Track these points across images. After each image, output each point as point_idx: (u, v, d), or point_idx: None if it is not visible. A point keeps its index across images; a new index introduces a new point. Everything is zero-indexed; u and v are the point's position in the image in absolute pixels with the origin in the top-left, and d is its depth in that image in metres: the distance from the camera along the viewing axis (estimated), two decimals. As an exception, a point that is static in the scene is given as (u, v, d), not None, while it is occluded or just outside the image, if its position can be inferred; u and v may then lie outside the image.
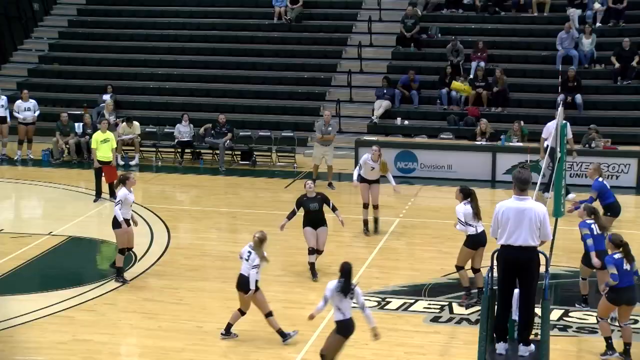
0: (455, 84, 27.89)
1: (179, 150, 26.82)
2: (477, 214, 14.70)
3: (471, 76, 28.40)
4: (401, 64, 29.90)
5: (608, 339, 12.92)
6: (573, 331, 13.75)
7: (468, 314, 14.40)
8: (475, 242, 14.70)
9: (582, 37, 28.71)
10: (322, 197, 16.46)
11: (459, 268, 14.98)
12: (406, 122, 27.51)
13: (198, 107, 29.38)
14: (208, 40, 32.50)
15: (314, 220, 16.26)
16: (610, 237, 13.00)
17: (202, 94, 30.38)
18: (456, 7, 32.01)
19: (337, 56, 31.18)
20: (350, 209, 20.69)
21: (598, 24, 29.92)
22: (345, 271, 11.91)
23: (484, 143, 24.69)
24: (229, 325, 13.66)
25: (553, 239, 16.04)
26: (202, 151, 26.97)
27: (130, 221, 16.23)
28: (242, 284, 13.41)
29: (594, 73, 28.66)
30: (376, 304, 14.97)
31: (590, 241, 13.64)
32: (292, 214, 16.32)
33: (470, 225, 14.64)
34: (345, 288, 11.72)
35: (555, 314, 14.12)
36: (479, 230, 14.68)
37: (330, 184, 23.22)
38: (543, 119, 25.13)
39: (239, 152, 26.91)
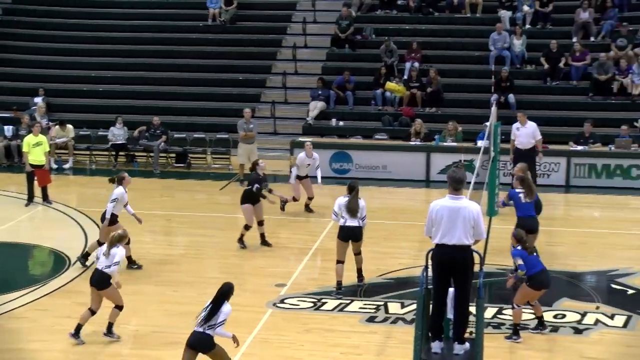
0: (390, 84, 28.03)
1: (113, 153, 26.57)
2: (349, 208, 15.29)
3: (405, 77, 28.58)
4: (336, 65, 29.97)
5: (518, 325, 13.41)
6: (507, 328, 13.86)
7: (403, 314, 14.47)
8: (340, 232, 15.42)
9: (513, 38, 29.08)
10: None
11: (338, 262, 15.50)
12: (341, 123, 27.58)
13: (132, 109, 29.10)
14: (142, 42, 32.23)
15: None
16: (514, 233, 13.57)
17: (136, 96, 30.12)
18: (390, 8, 32.17)
19: (272, 58, 31.15)
20: (286, 210, 20.70)
21: (527, 26, 30.34)
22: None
23: (418, 143, 24.85)
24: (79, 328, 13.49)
25: (487, 238, 16.28)
26: (137, 154, 26.76)
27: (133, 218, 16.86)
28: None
29: (526, 73, 29.05)
30: (312, 304, 14.96)
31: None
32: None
33: (342, 217, 15.37)
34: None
35: (489, 312, 14.25)
36: (346, 223, 15.31)
37: (241, 181, 23.39)
38: (477, 119, 25.45)
39: (174, 155, 26.76)
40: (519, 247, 13.34)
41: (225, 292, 11.52)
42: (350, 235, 15.40)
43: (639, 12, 30.63)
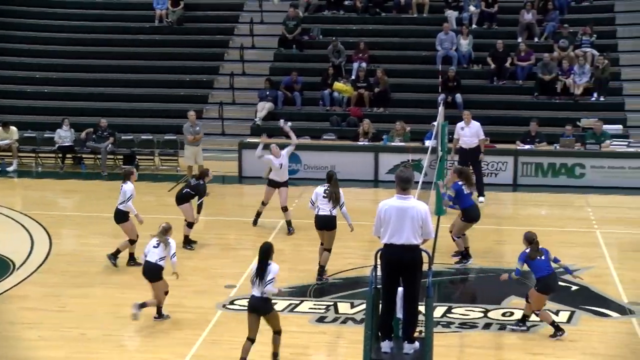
0: (337, 85, 28.09)
1: (60, 155, 26.30)
2: (329, 197, 15.98)
3: (353, 77, 28.67)
4: (283, 66, 29.97)
5: (553, 323, 13.56)
6: (456, 327, 13.99)
7: (353, 314, 14.51)
8: (315, 221, 16.13)
9: (459, 38, 29.31)
10: None
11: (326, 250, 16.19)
12: (289, 123, 27.48)
13: (79, 111, 28.83)
14: (88, 44, 31.94)
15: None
16: (526, 235, 13.78)
17: (82, 98, 29.85)
18: (337, 9, 32.25)
19: (219, 58, 31.06)
20: (235, 211, 20.69)
21: (474, 26, 30.61)
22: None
23: (366, 143, 24.94)
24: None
25: (436, 237, 16.40)
26: (84, 156, 26.52)
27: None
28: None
29: (473, 73, 29.29)
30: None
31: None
32: None
33: (317, 206, 16.03)
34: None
35: (438, 311, 14.35)
36: (319, 212, 15.91)
37: None
38: (424, 119, 25.60)
39: (121, 156, 26.55)
40: (527, 250, 13.53)
41: (265, 251, 12.35)
42: (322, 224, 15.99)
43: (578, 14, 31.10)
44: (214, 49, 31.44)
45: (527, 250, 13.55)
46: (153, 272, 14.11)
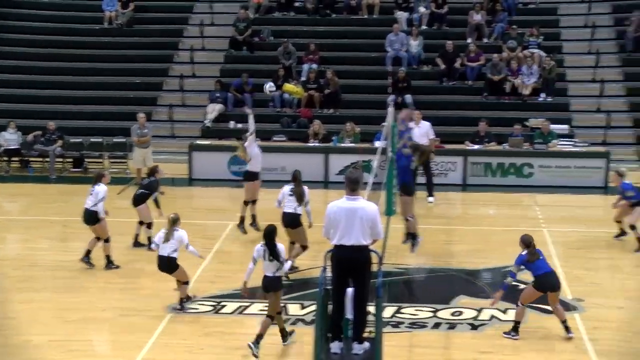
0: (288, 86, 27.87)
1: (6, 158, 26.01)
2: (295, 193, 16.41)
3: (303, 78, 28.68)
4: (234, 67, 29.89)
5: (518, 323, 13.69)
6: (406, 327, 14.05)
7: (303, 315, 14.51)
8: (282, 219, 16.40)
9: (409, 39, 29.44)
10: None
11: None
12: (240, 125, 27.50)
13: (26, 114, 28.53)
14: (36, 45, 31.64)
15: None
16: (522, 237, 13.75)
17: (30, 100, 29.55)
18: (288, 10, 32.26)
19: (169, 60, 30.92)
20: (185, 214, 20.48)
21: (424, 27, 30.77)
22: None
23: (316, 144, 24.97)
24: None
25: (385, 238, 16.43)
26: (31, 159, 26.24)
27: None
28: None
29: (423, 74, 29.43)
30: (212, 308, 14.90)
31: None
32: None
33: (284, 204, 16.48)
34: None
35: (388, 311, 14.38)
36: (285, 210, 16.42)
37: None
38: (374, 120, 25.67)
39: (70, 159, 26.32)
40: (524, 252, 13.58)
41: (271, 233, 12.92)
42: (287, 222, 16.37)
43: (525, 16, 31.48)
44: (163, 51, 31.30)
45: (524, 253, 13.58)
46: (167, 265, 14.51)
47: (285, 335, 13.24)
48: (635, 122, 27.59)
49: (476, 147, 24.54)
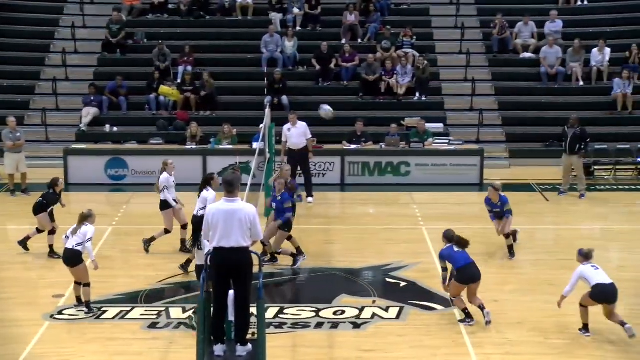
0: (163, 88, 27.84)
1: None
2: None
3: (179, 80, 28.47)
4: (108, 70, 29.46)
5: (465, 309, 14.19)
6: (288, 327, 14.08)
7: (185, 318, 14.40)
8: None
9: (284, 40, 29.55)
10: None
11: None
12: (115, 128, 27.15)
13: None
14: None
15: None
16: (445, 232, 14.52)
17: None
18: (161, 12, 31.96)
19: (40, 63, 30.24)
20: (61, 219, 20.11)
21: (298, 28, 30.92)
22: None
23: (194, 147, 24.80)
24: None
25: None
26: None
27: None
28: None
29: (298, 75, 29.57)
30: (91, 314, 14.64)
31: None
32: None
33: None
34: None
35: (270, 312, 14.40)
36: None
37: (24, 190, 22.54)
38: (251, 121, 25.70)
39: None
40: (447, 246, 14.21)
41: (196, 227, 13.71)
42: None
43: (398, 16, 31.98)
44: (34, 54, 30.59)
45: (445, 247, 14.25)
46: (69, 258, 14.51)
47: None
48: (504, 120, 28.34)
49: (353, 146, 24.77)
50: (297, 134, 22.12)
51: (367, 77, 28.43)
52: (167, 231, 17.95)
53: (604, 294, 13.46)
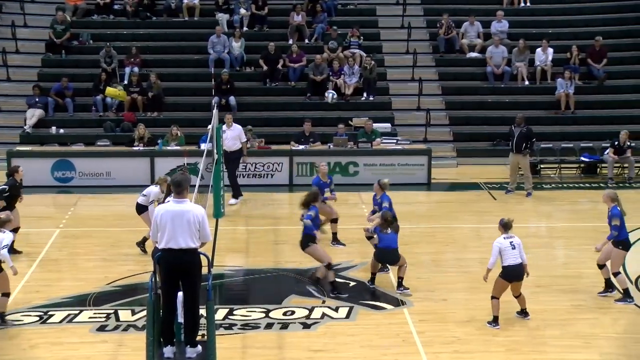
0: (110, 90, 27.63)
1: None
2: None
3: (126, 82, 28.28)
4: (53, 72, 29.15)
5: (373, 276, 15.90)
6: (238, 329, 14.07)
7: (134, 320, 14.32)
8: None
9: (231, 40, 29.47)
10: None
11: None
12: (62, 130, 26.89)
13: None
14: None
15: None
16: (382, 214, 15.99)
17: None
18: (107, 13, 31.71)
19: (-20, 63, 29.82)
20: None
21: (245, 29, 30.87)
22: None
23: (141, 148, 24.65)
24: None
25: (215, 240, 16.45)
26: None
27: None
28: None
29: (246, 75, 29.52)
30: (38, 318, 14.48)
31: None
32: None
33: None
34: None
35: (220, 314, 14.37)
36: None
37: None
38: (199, 122, 25.63)
39: None
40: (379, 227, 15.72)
41: None
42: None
43: (345, 17, 32.08)
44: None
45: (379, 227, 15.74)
46: None
47: None
48: (451, 120, 28.56)
49: (301, 147, 24.79)
50: (231, 136, 22.04)
51: (315, 77, 28.47)
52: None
53: (513, 273, 13.94)
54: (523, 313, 14.40)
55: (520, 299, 14.31)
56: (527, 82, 29.41)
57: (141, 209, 17.64)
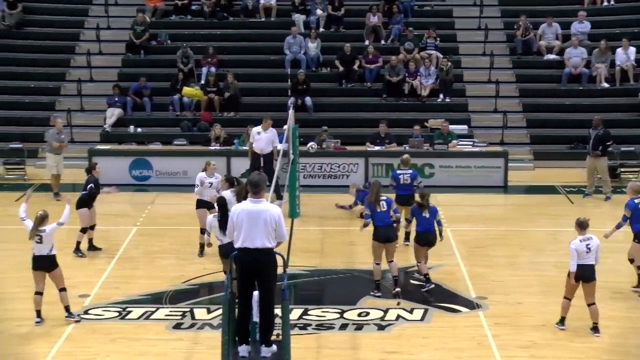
0: (187, 89, 27.91)
1: None
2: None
3: (202, 82, 28.54)
4: (132, 72, 29.55)
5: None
6: (312, 329, 14.10)
7: (210, 319, 14.45)
8: None
9: (307, 41, 29.56)
10: None
11: None
12: (139, 129, 27.24)
13: None
14: None
15: None
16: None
17: None
18: (185, 14, 32.05)
19: (66, 64, 30.39)
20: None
21: (321, 29, 30.92)
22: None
23: (218, 148, 24.85)
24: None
25: (290, 240, 16.46)
26: None
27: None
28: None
29: (322, 76, 29.56)
30: (117, 314, 14.72)
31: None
32: None
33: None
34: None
35: (295, 314, 14.43)
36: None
37: (56, 194, 22.59)
38: (275, 122, 25.65)
39: (-35, 165, 25.69)
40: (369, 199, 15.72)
41: (222, 204, 14.33)
42: None
43: (422, 18, 31.89)
44: (59, 55, 30.74)
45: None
46: (47, 264, 14.24)
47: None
48: (529, 122, 28.23)
49: (377, 148, 24.74)
50: (265, 138, 22.08)
51: (391, 78, 28.40)
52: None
53: (581, 273, 13.67)
54: (594, 329, 13.86)
55: (593, 310, 13.82)
56: (605, 84, 28.90)
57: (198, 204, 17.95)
